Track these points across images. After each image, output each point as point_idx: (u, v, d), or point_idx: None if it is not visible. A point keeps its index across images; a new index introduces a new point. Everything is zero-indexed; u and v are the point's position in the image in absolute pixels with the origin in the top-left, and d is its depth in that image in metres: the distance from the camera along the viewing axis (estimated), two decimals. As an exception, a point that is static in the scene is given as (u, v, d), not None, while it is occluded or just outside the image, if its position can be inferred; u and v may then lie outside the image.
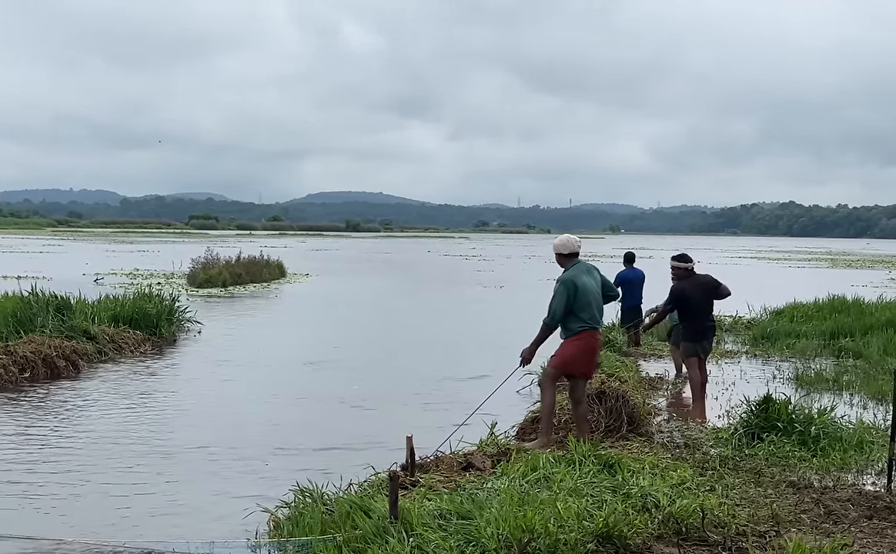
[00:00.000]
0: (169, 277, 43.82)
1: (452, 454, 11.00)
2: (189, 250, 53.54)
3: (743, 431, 12.07)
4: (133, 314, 22.11)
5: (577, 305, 11.48)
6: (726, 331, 25.92)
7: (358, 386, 17.06)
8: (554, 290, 11.60)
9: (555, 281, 11.84)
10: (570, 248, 11.77)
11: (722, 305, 28.24)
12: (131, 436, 13.01)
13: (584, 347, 11.58)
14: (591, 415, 12.56)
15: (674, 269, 15.58)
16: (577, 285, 11.48)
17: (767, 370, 19.28)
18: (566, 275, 11.59)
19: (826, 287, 33.86)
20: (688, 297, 15.11)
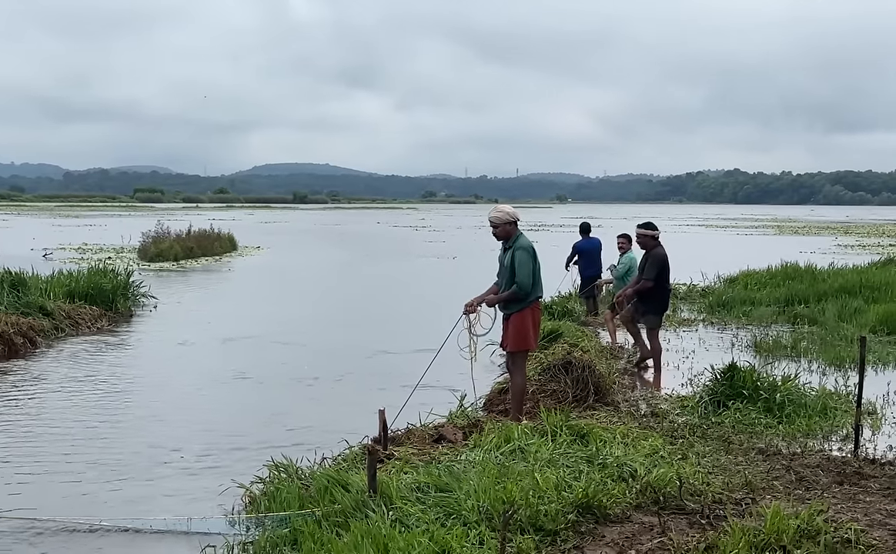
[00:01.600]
0: (119, 251, 43.42)
1: (423, 427, 10.99)
2: (136, 224, 53.16)
3: (708, 400, 12.18)
4: (89, 289, 21.88)
5: (536, 275, 11.36)
6: (682, 299, 26.06)
7: (320, 363, 16.98)
8: (515, 258, 11.24)
9: (504, 251, 11.53)
10: (513, 216, 11.48)
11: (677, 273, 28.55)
12: (94, 413, 12.89)
13: (534, 319, 11.46)
14: (558, 385, 12.62)
15: (641, 239, 15.64)
16: (535, 252, 11.37)
17: (725, 338, 19.40)
18: (524, 241, 11.35)
19: (776, 254, 34.25)
20: (666, 266, 15.26)
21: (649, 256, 15.52)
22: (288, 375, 15.68)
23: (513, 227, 11.42)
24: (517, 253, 11.24)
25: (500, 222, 11.40)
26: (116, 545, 8.04)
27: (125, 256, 39.87)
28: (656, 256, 15.33)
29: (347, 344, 18.78)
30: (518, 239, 11.37)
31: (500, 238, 11.50)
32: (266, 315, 23.15)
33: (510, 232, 11.40)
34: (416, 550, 6.83)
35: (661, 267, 15.24)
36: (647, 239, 15.52)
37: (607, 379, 13.25)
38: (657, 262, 15.27)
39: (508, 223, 11.40)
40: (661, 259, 15.26)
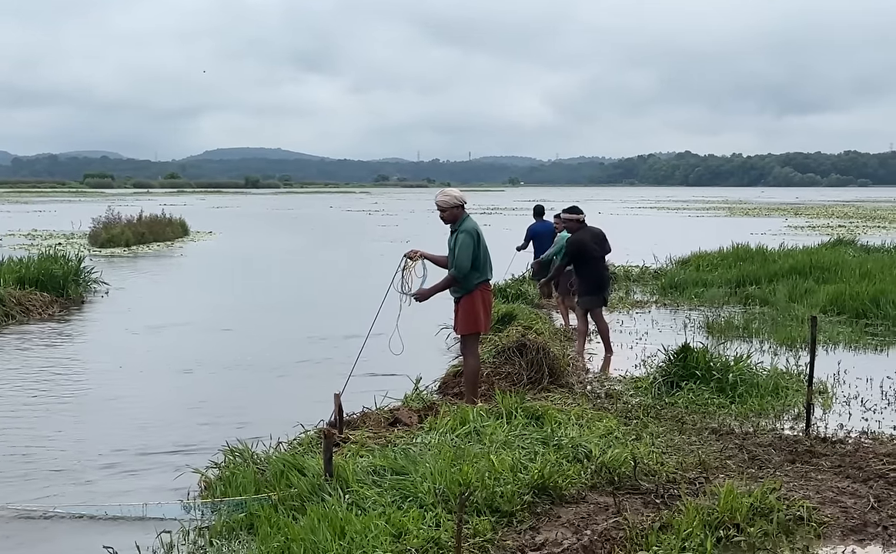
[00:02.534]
0: (69, 237, 43.00)
1: (379, 411, 10.99)
2: (87, 210, 52.65)
3: (662, 380, 12.25)
4: (39, 275, 21.66)
5: (479, 258, 11.24)
6: (634, 281, 26.22)
7: (275, 350, 16.92)
8: (458, 241, 11.15)
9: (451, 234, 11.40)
10: (459, 199, 11.38)
11: (630, 255, 28.61)
12: (46, 399, 12.79)
13: (484, 301, 11.34)
14: (512, 367, 12.62)
15: (566, 223, 15.80)
16: (480, 235, 11.26)
17: (678, 319, 19.50)
18: (469, 224, 11.25)
19: (727, 235, 34.48)
20: (586, 248, 15.26)
21: (567, 243, 15.63)
22: (241, 362, 15.55)
23: (459, 210, 11.32)
24: (460, 236, 11.14)
25: (447, 206, 11.30)
26: (70, 532, 7.98)
27: (76, 242, 39.48)
28: (571, 242, 15.43)
29: (301, 330, 18.68)
30: (464, 222, 11.26)
31: (447, 222, 11.39)
32: (217, 302, 23.04)
33: (457, 215, 11.30)
34: (373, 532, 6.84)
35: (574, 252, 15.28)
36: (571, 223, 15.63)
37: (561, 361, 13.24)
38: (570, 248, 15.38)
39: (455, 207, 11.29)
40: (574, 244, 15.31)
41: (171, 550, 7.36)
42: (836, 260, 24.66)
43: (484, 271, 11.29)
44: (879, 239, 36.64)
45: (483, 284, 11.30)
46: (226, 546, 7.36)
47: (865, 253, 29.47)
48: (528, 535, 7.18)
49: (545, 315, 19.02)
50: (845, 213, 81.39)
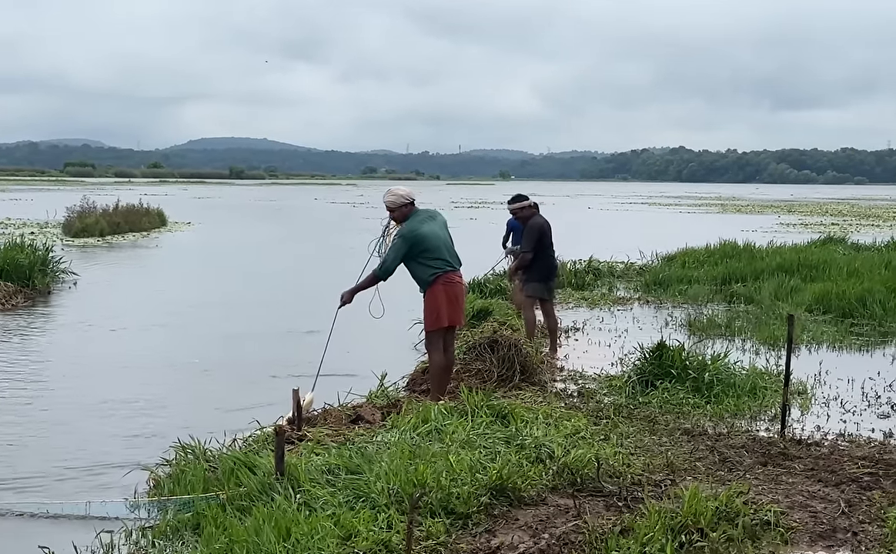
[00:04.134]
0: (43, 226, 42.71)
1: (341, 407, 10.88)
2: (64, 199, 52.24)
3: (637, 379, 12.15)
4: (3, 265, 21.41)
5: (425, 253, 11.07)
6: (618, 277, 26.18)
7: (242, 345, 16.82)
8: (392, 242, 11.17)
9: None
10: (407, 197, 11.29)
11: (615, 251, 28.54)
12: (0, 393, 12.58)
13: (446, 294, 11.17)
14: (483, 364, 12.52)
15: (519, 211, 15.65)
16: (419, 235, 11.05)
17: (660, 317, 19.44)
18: (404, 228, 11.13)
19: (717, 232, 34.39)
20: (545, 233, 15.19)
21: (526, 228, 15.43)
22: (203, 360, 15.33)
23: (409, 207, 11.29)
24: (396, 239, 11.13)
25: (396, 206, 11.26)
26: (4, 532, 7.81)
27: (49, 231, 39.25)
28: (532, 226, 15.20)
29: (268, 326, 18.57)
30: (408, 220, 11.22)
31: (398, 222, 11.33)
32: (184, 296, 22.74)
33: (406, 214, 11.26)
34: (320, 534, 6.70)
35: (538, 236, 15.08)
36: (524, 212, 15.50)
37: (534, 358, 13.16)
38: (533, 232, 15.13)
39: (404, 205, 11.26)
40: (537, 228, 15.13)
41: (111, 550, 7.19)
42: (824, 258, 24.55)
43: (438, 264, 11.15)
44: (871, 237, 36.55)
45: (443, 277, 11.16)
46: (169, 547, 7.20)
47: (855, 251, 29.37)
48: (484, 538, 7.04)
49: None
50: (839, 210, 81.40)
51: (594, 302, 21.35)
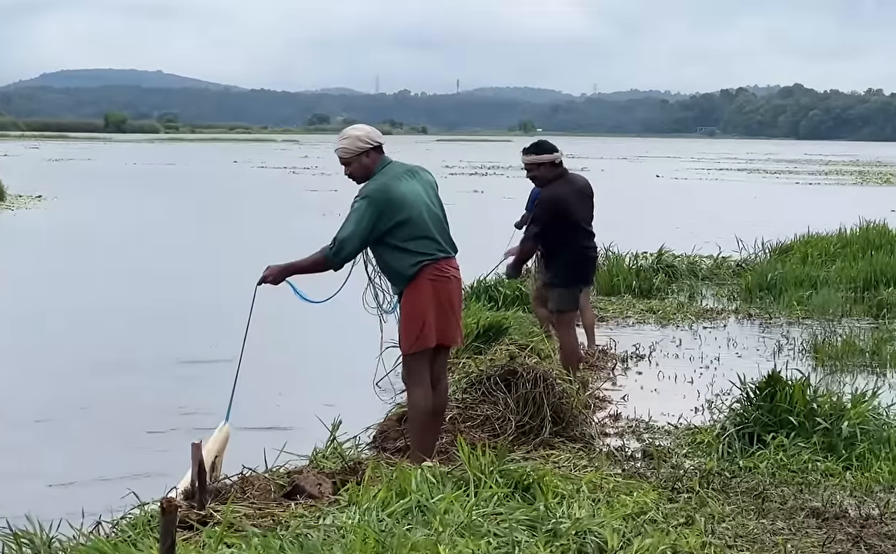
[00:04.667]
0: None
1: (270, 473, 10.69)
2: None
3: (735, 431, 12.02)
4: None
5: (402, 229, 10.88)
6: (703, 279, 26.28)
7: (105, 378, 16.66)
8: (350, 210, 10.91)
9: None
10: (369, 140, 11.05)
11: (698, 239, 28.59)
12: None
13: (435, 296, 11.00)
14: (494, 408, 12.44)
15: (535, 168, 15.09)
16: (393, 197, 10.85)
17: (769, 338, 19.39)
18: (370, 186, 10.92)
19: (854, 212, 34.35)
20: (566, 209, 14.72)
21: (536, 203, 15.16)
22: (62, 399, 15.26)
23: (374, 156, 11.06)
24: (357, 200, 10.91)
25: (351, 153, 11.02)
26: None
27: None
28: (542, 203, 14.80)
29: (161, 352, 18.42)
30: (375, 176, 11.02)
31: (357, 179, 11.14)
32: (29, 307, 22.69)
33: (370, 167, 11.04)
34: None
35: (553, 211, 14.60)
36: (542, 170, 15.01)
37: (574, 399, 13.00)
38: (547, 205, 14.70)
39: (364, 153, 11.02)
40: (551, 200, 14.67)
41: None
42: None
43: (424, 247, 10.98)
44: None
45: (432, 269, 10.98)
46: None
47: None
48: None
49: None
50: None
51: (667, 316, 21.41)
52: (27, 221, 40.83)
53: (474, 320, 17.09)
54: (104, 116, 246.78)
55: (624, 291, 23.55)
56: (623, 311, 21.68)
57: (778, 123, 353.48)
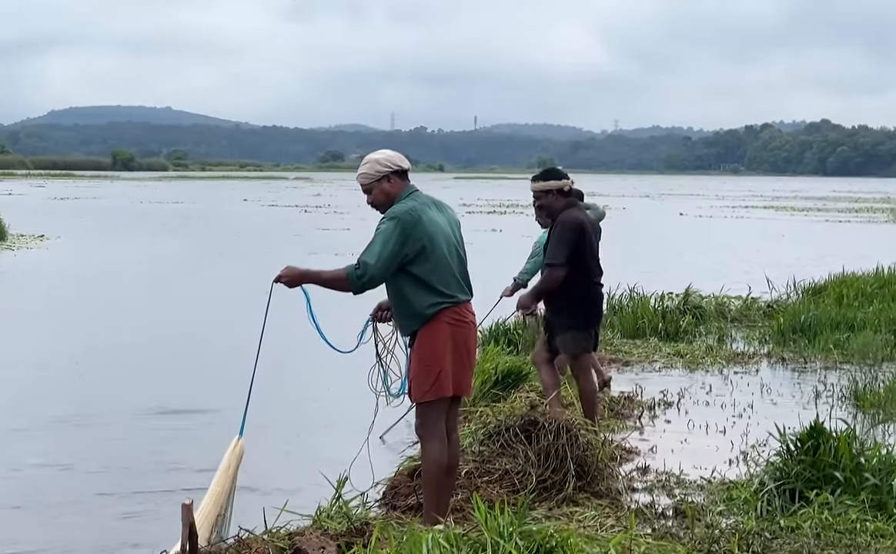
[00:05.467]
0: None
1: (269, 535, 10.29)
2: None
3: (775, 487, 11.60)
4: None
5: (426, 264, 10.47)
6: (733, 321, 26.00)
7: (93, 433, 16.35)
8: (375, 233, 10.45)
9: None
10: (391, 163, 10.68)
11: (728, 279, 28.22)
12: None
13: (453, 342, 10.59)
14: (513, 461, 12.09)
15: (543, 196, 14.54)
16: (422, 223, 10.44)
17: (805, 383, 19.11)
18: (399, 207, 10.51)
19: (890, 251, 34.14)
20: (587, 236, 14.20)
21: (555, 228, 14.41)
22: (36, 452, 14.99)
23: (397, 181, 10.68)
24: (383, 223, 10.46)
25: (370, 180, 10.67)
26: None
27: None
28: (566, 222, 14.12)
29: (154, 400, 18.04)
30: (402, 200, 10.61)
31: (380, 208, 10.74)
32: (18, 354, 22.24)
33: (393, 194, 10.64)
34: None
35: (575, 239, 14.04)
36: (550, 199, 14.44)
37: (600, 451, 12.66)
38: (568, 232, 14.06)
39: (385, 177, 10.64)
40: (574, 225, 14.03)
41: None
42: None
43: (446, 286, 10.53)
44: None
45: (451, 312, 10.54)
46: None
47: None
48: None
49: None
50: None
51: (696, 360, 21.06)
52: (26, 262, 40.85)
53: (492, 365, 16.80)
54: (112, 154, 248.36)
55: (650, 333, 23.29)
56: (649, 354, 21.39)
57: (804, 160, 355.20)
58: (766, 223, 75.57)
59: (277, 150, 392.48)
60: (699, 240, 58.06)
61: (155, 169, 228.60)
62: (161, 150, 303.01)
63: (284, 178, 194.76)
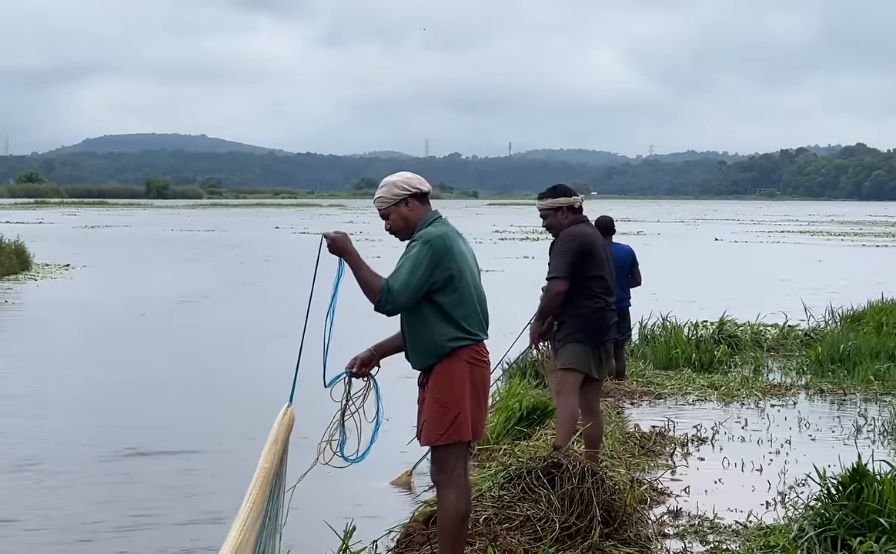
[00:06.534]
0: None
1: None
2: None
3: (816, 534, 10.92)
4: None
5: (453, 293, 9.90)
6: (769, 350, 25.58)
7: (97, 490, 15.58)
8: (404, 256, 9.81)
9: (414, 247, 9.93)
10: (411, 185, 10.03)
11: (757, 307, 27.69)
12: None
13: (471, 382, 9.99)
14: (535, 507, 11.51)
15: (549, 214, 13.95)
16: (453, 249, 9.88)
17: (845, 417, 18.55)
18: (431, 230, 9.90)
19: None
20: (594, 251, 13.57)
21: (557, 241, 13.75)
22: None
23: (418, 205, 10.04)
24: (411, 246, 9.81)
25: (387, 204, 10.04)
26: None
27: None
28: (567, 237, 13.55)
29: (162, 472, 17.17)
30: (425, 225, 9.98)
31: (399, 234, 10.15)
32: (22, 405, 21.50)
33: (414, 220, 10.01)
34: None
35: (577, 253, 13.44)
36: (557, 216, 13.82)
37: (629, 495, 12.22)
38: (569, 245, 13.50)
39: (404, 201, 9.99)
40: (577, 239, 13.47)
41: None
42: None
43: (472, 325, 9.94)
44: None
45: (471, 351, 9.92)
46: None
47: None
48: None
49: (609, 408, 17.98)
50: None
51: (730, 392, 20.49)
52: (47, 293, 40.58)
53: (516, 401, 16.33)
54: (146, 181, 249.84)
55: (683, 364, 22.82)
56: (682, 386, 20.89)
57: (840, 184, 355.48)
58: (803, 248, 75.40)
59: (312, 177, 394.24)
60: (734, 266, 57.88)
61: (189, 196, 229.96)
62: (195, 178, 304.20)
63: (318, 205, 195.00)
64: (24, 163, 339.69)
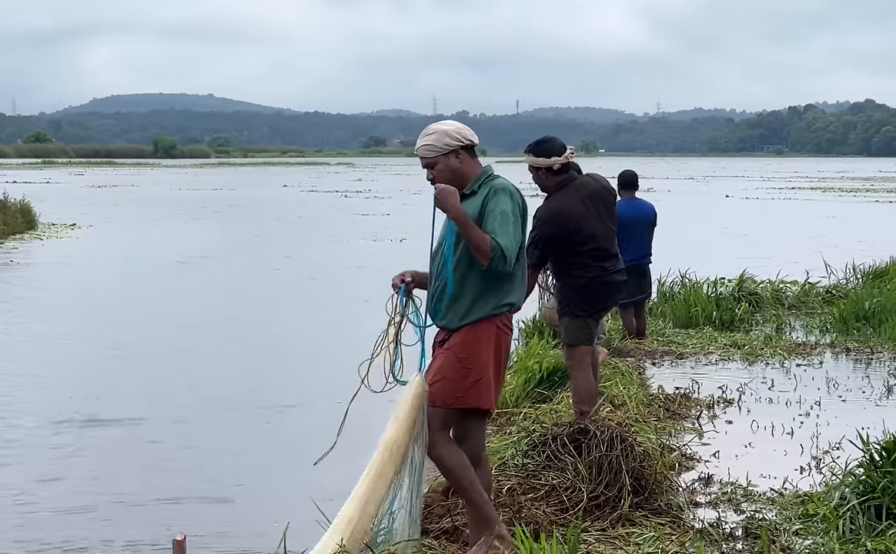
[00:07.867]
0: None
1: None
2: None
3: (858, 502, 10.37)
4: None
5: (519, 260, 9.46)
6: (791, 308, 25.05)
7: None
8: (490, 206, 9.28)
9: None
10: (462, 136, 9.47)
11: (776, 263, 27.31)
12: None
13: (495, 349, 9.46)
14: (561, 476, 11.00)
15: (533, 172, 13.38)
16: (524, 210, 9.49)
17: (875, 377, 17.97)
18: (506, 182, 9.44)
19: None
20: (571, 223, 12.94)
21: (534, 215, 12.92)
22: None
23: (465, 158, 9.44)
24: (494, 198, 9.22)
25: (436, 153, 9.40)
26: None
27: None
28: (540, 222, 12.97)
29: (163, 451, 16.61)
30: (490, 179, 9.45)
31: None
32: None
33: (460, 171, 9.40)
34: None
35: (548, 239, 12.89)
36: (539, 176, 13.26)
37: (659, 462, 11.68)
38: (541, 232, 12.91)
39: (452, 152, 9.37)
40: (551, 215, 12.95)
41: None
42: None
43: (517, 290, 9.51)
44: None
45: (503, 319, 9.45)
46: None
47: None
48: None
49: (632, 370, 17.48)
50: None
51: (754, 351, 19.90)
52: (52, 252, 40.78)
53: (536, 362, 15.91)
54: (153, 141, 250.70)
55: (703, 322, 22.37)
56: (704, 346, 20.33)
57: (849, 140, 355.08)
58: (815, 204, 75.47)
59: (319, 136, 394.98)
60: (747, 223, 57.57)
61: (196, 156, 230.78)
62: (203, 138, 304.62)
63: (326, 163, 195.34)
64: (31, 123, 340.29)
